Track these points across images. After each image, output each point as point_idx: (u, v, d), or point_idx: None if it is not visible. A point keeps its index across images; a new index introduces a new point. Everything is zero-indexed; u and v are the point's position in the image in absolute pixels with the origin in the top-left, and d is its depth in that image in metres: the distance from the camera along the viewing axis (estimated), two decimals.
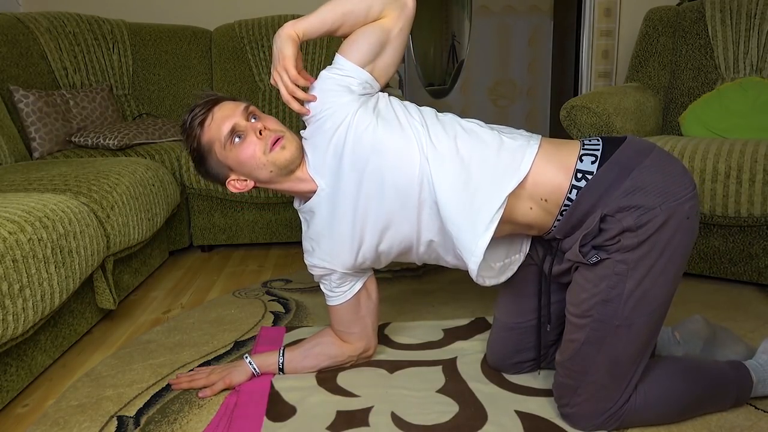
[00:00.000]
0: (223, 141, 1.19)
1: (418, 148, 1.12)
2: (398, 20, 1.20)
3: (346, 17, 1.19)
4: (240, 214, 2.40)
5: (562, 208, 1.12)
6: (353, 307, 1.36)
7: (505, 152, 1.13)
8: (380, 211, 1.18)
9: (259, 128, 1.18)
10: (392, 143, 1.13)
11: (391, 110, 1.18)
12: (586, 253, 1.09)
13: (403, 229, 1.20)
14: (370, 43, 1.19)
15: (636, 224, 1.04)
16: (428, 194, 1.13)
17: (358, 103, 1.17)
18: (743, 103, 2.11)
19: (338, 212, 1.21)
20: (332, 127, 1.17)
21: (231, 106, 1.21)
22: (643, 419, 1.14)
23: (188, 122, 1.21)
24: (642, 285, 1.06)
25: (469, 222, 1.11)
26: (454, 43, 4.86)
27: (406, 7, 1.20)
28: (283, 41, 1.16)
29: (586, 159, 1.11)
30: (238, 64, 2.86)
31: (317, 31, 1.19)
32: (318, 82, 1.22)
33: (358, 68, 1.19)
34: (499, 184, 1.10)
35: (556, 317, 1.29)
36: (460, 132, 1.16)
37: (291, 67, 1.16)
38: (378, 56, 1.21)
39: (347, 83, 1.19)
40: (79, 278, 1.51)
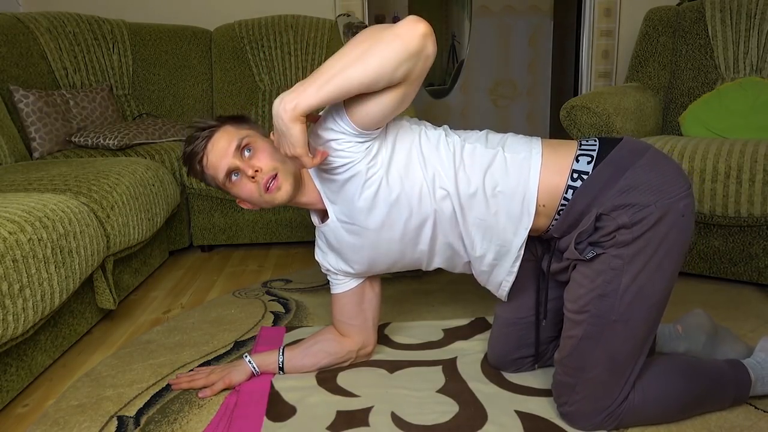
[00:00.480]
0: (222, 181, 1.20)
1: (430, 194, 1.14)
2: (418, 79, 1.03)
3: (362, 91, 1.01)
4: (240, 214, 2.40)
5: (559, 209, 1.13)
6: (357, 297, 1.38)
7: (511, 178, 1.14)
8: (395, 250, 1.24)
9: (251, 174, 1.16)
10: (405, 196, 1.15)
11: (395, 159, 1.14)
12: (582, 249, 1.10)
13: (413, 261, 1.28)
14: (385, 114, 1.07)
15: (631, 221, 1.06)
16: (441, 233, 1.19)
17: (367, 158, 1.11)
18: (743, 103, 2.11)
19: (353, 245, 1.26)
20: (342, 179, 1.15)
21: (223, 145, 1.17)
22: (641, 418, 1.14)
23: (187, 158, 1.22)
24: (638, 280, 1.06)
25: (495, 259, 1.20)
26: (454, 43, 4.86)
27: (428, 58, 1.00)
28: (287, 127, 1.01)
29: (582, 159, 1.13)
30: (238, 64, 2.86)
31: (324, 106, 1.07)
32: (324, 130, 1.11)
33: (367, 132, 1.10)
34: (513, 217, 1.15)
35: (554, 314, 1.30)
36: (467, 158, 1.16)
37: (305, 156, 1.04)
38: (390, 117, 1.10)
39: (355, 140, 1.10)
40: (79, 278, 1.51)
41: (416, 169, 1.14)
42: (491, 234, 1.16)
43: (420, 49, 0.98)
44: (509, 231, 1.16)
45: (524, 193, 1.13)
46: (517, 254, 1.18)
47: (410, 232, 1.19)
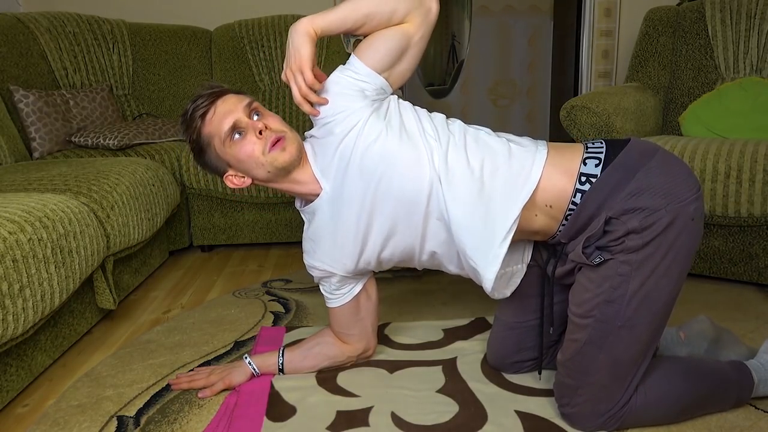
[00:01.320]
0: (222, 137, 1.16)
1: (428, 161, 1.12)
2: (421, 26, 1.16)
3: (368, 19, 1.14)
4: (240, 214, 2.40)
5: (567, 213, 1.12)
6: (353, 309, 1.35)
7: (514, 160, 1.13)
8: (385, 220, 1.17)
9: (260, 128, 1.15)
10: (402, 154, 1.12)
11: (402, 119, 1.16)
12: (589, 254, 1.09)
13: (406, 239, 1.20)
14: (390, 49, 1.16)
15: (641, 226, 1.04)
16: (436, 206, 1.14)
17: (370, 110, 1.14)
18: (743, 103, 2.11)
19: (342, 218, 1.20)
20: (341, 133, 1.15)
21: (234, 101, 1.18)
22: (643, 419, 1.14)
23: (189, 113, 1.19)
24: (645, 286, 1.05)
25: (484, 238, 1.12)
26: (454, 43, 4.86)
27: (430, 12, 1.16)
28: (299, 38, 1.11)
29: (590, 162, 1.11)
30: (238, 64, 2.86)
31: (336, 29, 1.15)
32: (331, 83, 1.17)
33: (374, 73, 1.16)
34: (511, 198, 1.11)
35: (558, 317, 1.29)
36: (470, 141, 1.15)
37: (307, 69, 1.11)
38: (396, 63, 1.17)
39: (361, 87, 1.16)
40: (79, 278, 1.51)
41: (416, 134, 1.14)
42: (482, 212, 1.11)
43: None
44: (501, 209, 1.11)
45: (526, 180, 1.11)
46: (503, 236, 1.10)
47: (403, 202, 1.14)
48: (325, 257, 1.27)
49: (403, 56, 1.17)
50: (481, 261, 1.13)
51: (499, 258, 1.11)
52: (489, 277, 1.13)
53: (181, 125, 1.22)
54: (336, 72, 1.18)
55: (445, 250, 1.19)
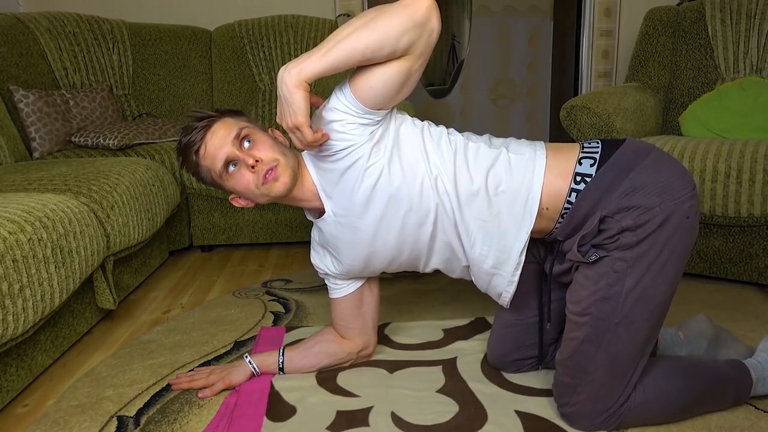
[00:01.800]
0: (218, 172, 1.17)
1: (432, 188, 1.13)
2: (422, 55, 1.04)
3: (366, 60, 1.02)
4: (240, 214, 2.40)
5: (563, 212, 1.13)
6: (355, 301, 1.37)
7: (515, 170, 1.14)
8: (391, 247, 1.22)
9: (251, 163, 1.14)
10: (406, 188, 1.13)
11: (401, 144, 1.13)
12: (585, 252, 1.10)
13: (411, 259, 1.25)
14: (390, 90, 1.06)
15: (635, 223, 1.05)
16: (441, 232, 1.17)
17: (370, 144, 1.10)
18: (743, 103, 2.11)
19: (350, 241, 1.23)
20: (343, 167, 1.13)
21: (222, 134, 1.16)
22: (642, 418, 1.14)
23: (183, 148, 1.19)
24: (641, 283, 1.06)
25: (496, 263, 1.18)
26: (454, 43, 4.86)
27: (432, 35, 1.02)
28: (290, 92, 1.01)
29: (585, 162, 1.12)
30: (238, 64, 2.86)
31: (328, 73, 1.03)
32: (328, 113, 1.10)
33: (373, 111, 1.09)
34: (516, 217, 1.14)
35: (556, 315, 1.29)
36: (470, 157, 1.15)
37: (305, 126, 1.03)
38: (396, 95, 1.09)
39: (361, 123, 1.09)
40: (79, 278, 1.51)
41: (419, 162, 1.13)
42: (491, 237, 1.15)
43: (425, 20, 1.00)
44: (510, 233, 1.14)
45: (528, 193, 1.12)
46: (517, 261, 1.16)
47: (409, 227, 1.17)
48: (330, 266, 1.33)
49: (403, 88, 1.08)
50: (497, 287, 1.22)
51: (514, 284, 1.19)
52: (506, 299, 1.22)
53: (178, 157, 1.23)
54: (334, 101, 1.10)
55: (448, 264, 1.25)
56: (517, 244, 1.15)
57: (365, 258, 1.25)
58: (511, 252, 1.15)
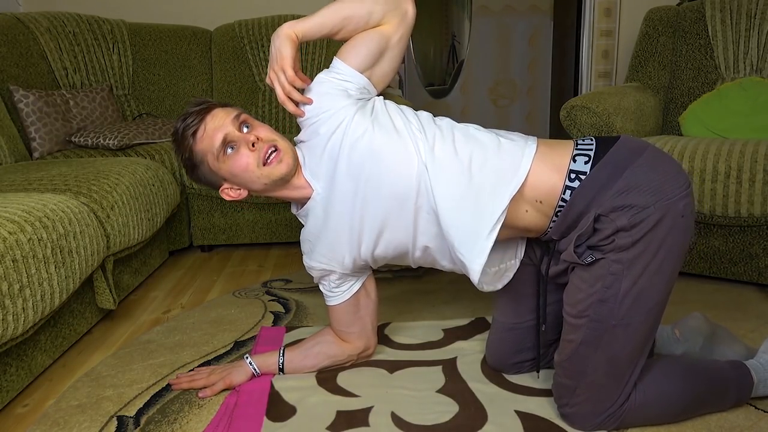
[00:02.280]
0: (215, 153, 1.17)
1: (416, 154, 1.12)
2: (399, 28, 1.20)
3: (346, 22, 1.18)
4: (240, 214, 2.40)
5: (557, 209, 1.12)
6: (352, 307, 1.36)
7: (504, 153, 1.13)
8: (376, 217, 1.18)
9: (252, 140, 1.16)
10: (389, 149, 1.13)
11: (388, 115, 1.18)
12: (581, 253, 1.09)
13: (398, 235, 1.20)
14: (369, 48, 1.19)
15: (630, 223, 1.04)
16: (425, 200, 1.14)
17: (354, 108, 1.16)
18: (743, 103, 2.11)
19: (335, 217, 1.21)
20: (328, 132, 1.16)
21: (222, 115, 1.18)
22: (642, 419, 1.14)
23: (180, 132, 1.19)
24: (638, 284, 1.06)
25: (471, 230, 1.11)
26: (454, 43, 4.86)
27: (407, 14, 1.20)
28: (281, 41, 1.15)
29: (579, 159, 1.12)
30: (238, 64, 2.86)
31: (316, 33, 1.18)
32: (315, 84, 1.21)
33: (356, 72, 1.19)
34: (499, 189, 1.10)
35: (554, 317, 1.29)
36: (458, 135, 1.16)
37: (288, 67, 1.15)
38: (377, 63, 1.21)
39: (344, 87, 1.19)
40: (79, 278, 1.51)
41: (403, 131, 1.14)
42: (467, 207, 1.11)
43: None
44: (488, 210, 1.10)
45: (514, 174, 1.11)
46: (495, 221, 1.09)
47: (392, 196, 1.14)
48: (321, 257, 1.28)
49: (383, 56, 1.21)
50: (468, 253, 1.12)
51: (486, 251, 1.11)
52: (476, 269, 1.13)
53: (173, 143, 1.23)
54: (319, 74, 1.22)
55: (437, 244, 1.19)
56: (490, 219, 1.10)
57: (353, 236, 1.21)
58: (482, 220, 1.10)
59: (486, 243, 1.11)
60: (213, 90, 2.89)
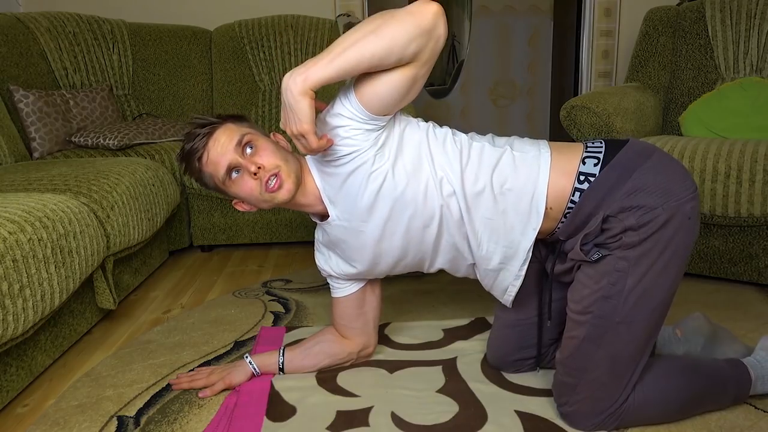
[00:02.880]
0: (221, 179, 1.17)
1: (437, 190, 1.13)
2: (429, 61, 1.03)
3: (372, 62, 0.99)
4: (240, 215, 2.40)
5: (566, 211, 1.13)
6: (357, 301, 1.37)
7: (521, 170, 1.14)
8: (396, 249, 1.22)
9: (254, 170, 1.13)
10: (411, 192, 1.13)
11: (405, 146, 1.13)
12: (588, 251, 1.10)
13: (416, 260, 1.26)
14: (395, 97, 1.06)
15: (638, 223, 1.05)
16: (446, 229, 1.17)
17: (374, 149, 1.10)
18: (743, 103, 2.11)
19: (355, 245, 1.24)
20: (345, 171, 1.13)
21: (225, 141, 1.15)
22: (642, 418, 1.14)
23: (186, 155, 1.19)
24: (642, 282, 1.06)
25: (505, 260, 1.18)
26: (454, 43, 4.86)
27: (438, 41, 1.01)
28: (295, 99, 1.00)
29: (589, 161, 1.12)
30: (238, 64, 2.86)
31: (333, 81, 1.01)
32: (332, 117, 1.10)
33: (378, 117, 1.09)
34: (522, 222, 1.14)
35: (556, 315, 1.29)
36: (474, 159, 1.15)
37: (311, 133, 1.02)
38: (401, 102, 1.09)
39: (363, 127, 1.09)
40: (79, 278, 1.51)
41: (424, 164, 1.13)
42: (498, 234, 1.15)
43: (432, 26, 0.99)
44: (517, 231, 1.15)
45: (533, 190, 1.12)
46: (524, 257, 1.16)
47: (414, 230, 1.17)
48: (336, 267, 1.33)
49: (408, 94, 1.08)
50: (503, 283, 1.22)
51: (520, 279, 1.19)
52: (508, 300, 1.24)
53: (180, 163, 1.22)
54: (338, 107, 1.09)
55: (453, 264, 1.25)
56: (524, 241, 1.15)
57: (371, 260, 1.26)
58: (518, 248, 1.16)
59: (520, 272, 1.19)
60: (213, 90, 2.89)
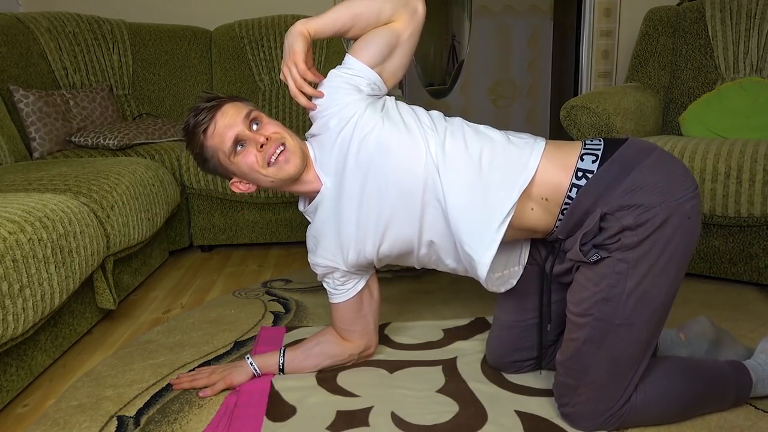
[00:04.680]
0: (227, 152, 1.19)
1: (425, 149, 1.13)
2: (409, 24, 1.22)
3: (357, 19, 1.20)
4: (240, 214, 2.40)
5: (563, 207, 1.13)
6: (356, 305, 1.36)
7: (513, 149, 1.15)
8: (382, 211, 1.18)
9: (261, 141, 1.18)
10: (398, 143, 1.15)
11: (398, 113, 1.19)
12: (586, 252, 1.09)
13: (404, 231, 1.20)
14: (379, 45, 1.21)
15: (635, 223, 1.05)
16: (432, 195, 1.14)
17: (365, 103, 1.18)
18: (743, 103, 2.11)
19: (342, 211, 1.22)
20: (338, 125, 1.18)
21: (233, 113, 1.19)
22: (643, 419, 1.14)
23: (191, 127, 1.20)
24: (642, 284, 1.06)
25: (480, 222, 1.12)
26: (454, 43, 4.85)
27: (416, 12, 1.22)
28: (294, 37, 1.18)
29: (587, 158, 1.12)
30: (238, 64, 2.86)
31: (328, 30, 1.21)
32: (326, 79, 1.23)
33: (367, 68, 1.21)
34: (509, 183, 1.12)
35: (556, 316, 1.29)
36: (468, 132, 1.18)
37: (300, 61, 1.18)
38: (387, 59, 1.23)
39: (356, 82, 1.21)
40: (79, 278, 1.51)
41: (413, 126, 1.16)
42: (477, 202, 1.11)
43: None
44: (496, 205, 1.11)
45: (522, 170, 1.12)
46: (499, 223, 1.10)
47: (400, 189, 1.14)
48: (327, 252, 1.29)
49: (393, 52, 1.23)
50: (477, 247, 1.12)
51: (495, 243, 1.11)
52: (485, 261, 1.12)
53: (184, 137, 1.24)
54: (331, 71, 1.23)
55: (442, 240, 1.18)
56: (500, 212, 1.10)
57: (359, 231, 1.21)
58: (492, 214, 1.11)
59: (496, 236, 1.11)
60: (213, 90, 2.89)
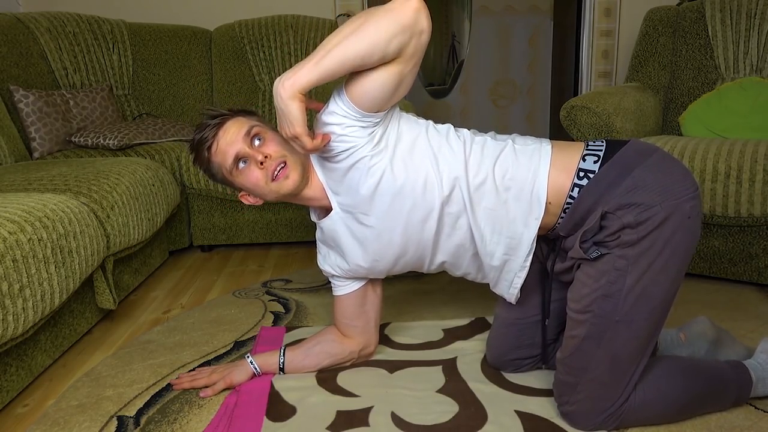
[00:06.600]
0: (228, 168, 1.20)
1: (437, 182, 1.14)
2: (414, 56, 1.05)
3: (357, 64, 1.02)
4: (240, 214, 2.40)
5: (565, 206, 1.14)
6: (359, 299, 1.38)
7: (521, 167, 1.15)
8: (398, 244, 1.22)
9: (260, 159, 1.17)
10: (410, 185, 1.14)
11: (402, 140, 1.15)
12: (587, 248, 1.10)
13: (417, 256, 1.25)
14: (384, 93, 1.07)
15: (636, 221, 1.05)
16: (448, 225, 1.18)
17: (371, 144, 1.12)
18: (743, 103, 2.11)
19: (354, 239, 1.25)
20: (344, 166, 1.15)
21: (234, 131, 1.19)
22: (642, 418, 1.14)
23: (196, 144, 1.22)
24: (642, 281, 1.06)
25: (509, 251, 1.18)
26: (454, 43, 4.85)
27: (422, 35, 1.02)
28: (285, 104, 1.04)
29: (589, 158, 1.13)
30: (238, 64, 2.86)
31: (321, 82, 1.04)
32: (327, 115, 1.12)
33: (370, 114, 1.10)
34: (524, 213, 1.15)
35: (556, 315, 1.30)
36: (477, 152, 1.17)
37: (304, 136, 1.06)
38: (391, 98, 1.10)
39: (357, 124, 1.11)
40: (79, 278, 1.51)
41: (422, 158, 1.15)
42: (501, 225, 1.16)
43: (412, 22, 1.00)
44: (519, 222, 1.15)
45: (534, 181, 1.13)
46: (529, 248, 1.17)
47: (414, 224, 1.18)
48: (336, 267, 1.34)
49: (397, 90, 1.09)
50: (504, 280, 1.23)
51: (527, 268, 1.19)
52: (513, 293, 1.24)
53: (190, 153, 1.26)
54: (332, 106, 1.11)
55: (456, 260, 1.25)
56: (527, 232, 1.15)
57: (371, 257, 1.26)
58: (521, 239, 1.16)
59: (525, 262, 1.18)
60: (213, 90, 2.89)
